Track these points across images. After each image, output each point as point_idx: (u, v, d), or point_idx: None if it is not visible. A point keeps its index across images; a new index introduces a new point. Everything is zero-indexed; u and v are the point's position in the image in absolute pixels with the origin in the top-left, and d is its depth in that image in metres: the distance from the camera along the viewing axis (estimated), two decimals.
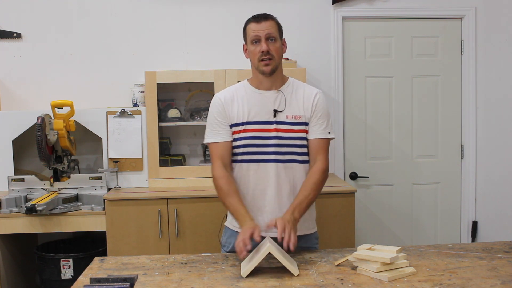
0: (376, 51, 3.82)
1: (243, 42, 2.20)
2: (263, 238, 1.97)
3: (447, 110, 3.87)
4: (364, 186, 3.87)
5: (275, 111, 2.14)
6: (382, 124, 3.86)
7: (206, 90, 3.57)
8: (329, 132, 2.20)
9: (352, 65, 3.81)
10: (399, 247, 1.89)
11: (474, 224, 3.86)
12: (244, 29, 2.17)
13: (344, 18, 3.75)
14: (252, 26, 2.11)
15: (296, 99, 2.17)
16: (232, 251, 2.21)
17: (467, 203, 3.88)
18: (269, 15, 2.15)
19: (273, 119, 2.14)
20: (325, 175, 2.15)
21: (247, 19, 2.17)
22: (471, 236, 3.87)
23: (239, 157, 2.17)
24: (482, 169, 3.80)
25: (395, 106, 3.85)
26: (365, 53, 3.82)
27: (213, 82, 3.36)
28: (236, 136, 2.16)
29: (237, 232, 2.22)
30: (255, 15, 2.15)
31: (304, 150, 2.18)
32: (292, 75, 3.26)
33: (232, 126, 2.17)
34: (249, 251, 1.90)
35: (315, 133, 2.17)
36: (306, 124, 2.17)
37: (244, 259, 1.90)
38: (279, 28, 2.16)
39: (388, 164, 3.89)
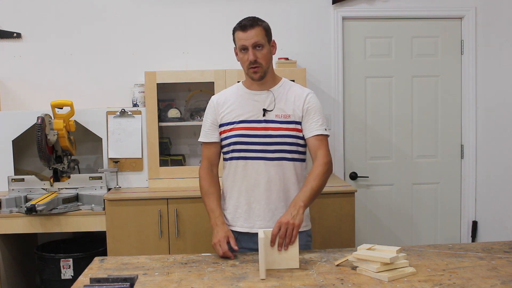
0: (376, 51, 3.82)
1: (234, 46, 2.22)
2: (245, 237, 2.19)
3: (447, 110, 3.87)
4: (364, 186, 3.87)
5: (264, 110, 2.19)
6: (382, 124, 3.86)
7: (206, 90, 3.57)
8: (326, 129, 2.22)
9: (352, 65, 3.81)
10: (399, 247, 1.89)
11: (474, 224, 3.86)
12: (233, 34, 2.20)
13: (344, 18, 3.75)
14: (239, 34, 2.15)
15: (286, 99, 2.21)
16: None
17: (467, 203, 3.88)
18: (256, 21, 2.15)
19: (262, 118, 2.19)
20: (327, 167, 2.16)
21: (234, 26, 2.18)
22: (471, 236, 3.87)
23: (229, 155, 2.24)
24: (482, 169, 3.80)
25: (395, 106, 3.85)
26: (365, 53, 3.82)
27: (213, 82, 3.36)
28: (226, 135, 2.23)
29: (232, 231, 2.26)
30: (242, 23, 2.15)
31: (294, 148, 2.21)
32: (292, 75, 3.29)
33: (221, 125, 2.25)
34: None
35: (312, 130, 2.19)
36: (296, 123, 2.20)
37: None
38: (267, 33, 2.17)
39: (388, 164, 3.89)
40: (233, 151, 2.22)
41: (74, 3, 3.65)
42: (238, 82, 2.36)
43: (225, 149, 2.26)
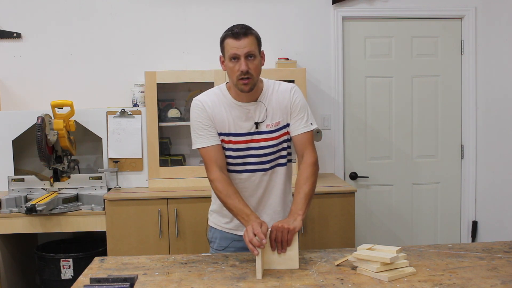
0: (376, 51, 3.82)
1: (220, 54, 2.13)
2: None
3: (447, 110, 3.87)
4: (364, 186, 3.87)
5: (256, 124, 2.13)
6: (382, 124, 3.86)
7: (206, 90, 3.56)
8: (311, 124, 2.18)
9: (352, 65, 3.81)
10: (399, 247, 1.89)
11: (474, 224, 3.86)
12: (222, 42, 2.07)
13: (344, 18, 3.75)
14: (231, 42, 2.02)
15: (274, 105, 2.14)
16: (219, 248, 2.25)
17: (467, 203, 3.88)
18: (249, 29, 2.03)
19: (254, 130, 2.13)
20: (315, 167, 2.13)
21: (225, 31, 2.07)
22: (471, 236, 3.87)
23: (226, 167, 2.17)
24: (482, 169, 3.79)
25: (395, 106, 3.85)
26: (365, 53, 3.82)
27: (213, 82, 3.35)
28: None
29: (220, 230, 2.26)
30: (233, 30, 2.02)
31: (285, 152, 2.19)
32: (292, 75, 3.30)
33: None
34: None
35: (298, 128, 2.15)
36: (286, 126, 2.17)
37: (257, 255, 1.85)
38: (259, 43, 2.07)
39: (388, 164, 3.88)
40: (228, 164, 2.16)
41: (74, 3, 3.65)
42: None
43: None
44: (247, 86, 2.04)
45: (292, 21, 3.72)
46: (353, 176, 3.85)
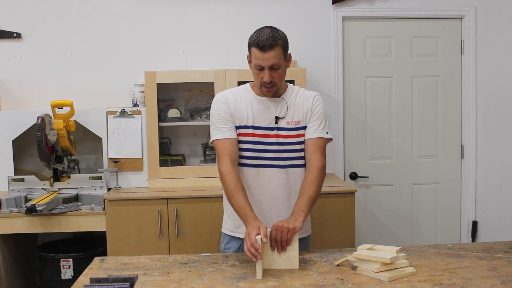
0: (376, 51, 3.82)
1: (248, 53, 2.13)
2: None
3: (447, 110, 3.87)
4: (364, 186, 3.87)
5: (277, 118, 2.16)
6: (382, 124, 3.86)
7: (206, 90, 3.57)
8: (327, 133, 2.21)
9: (352, 65, 3.81)
10: (399, 247, 1.89)
11: (474, 224, 3.86)
12: (249, 47, 2.09)
13: (344, 18, 3.75)
14: (256, 53, 2.04)
15: (296, 105, 2.19)
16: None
17: (467, 203, 3.88)
18: (275, 40, 2.02)
19: (274, 125, 2.16)
20: (322, 172, 2.14)
21: (253, 35, 2.05)
22: (471, 236, 3.87)
23: (240, 161, 2.17)
24: (482, 169, 3.79)
25: (395, 106, 3.85)
26: (365, 53, 3.82)
27: (213, 82, 3.36)
28: (238, 139, 2.17)
29: (235, 237, 2.25)
30: (260, 40, 2.02)
31: (302, 154, 2.20)
32: (292, 75, 3.30)
33: (236, 127, 2.17)
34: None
35: (313, 132, 2.18)
36: (304, 128, 2.19)
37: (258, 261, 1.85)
38: (285, 51, 2.08)
39: (388, 164, 3.89)
40: (244, 157, 2.17)
41: (74, 3, 3.65)
42: (242, 83, 2.30)
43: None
44: (270, 93, 2.14)
45: (292, 21, 3.72)
46: (353, 176, 3.85)
